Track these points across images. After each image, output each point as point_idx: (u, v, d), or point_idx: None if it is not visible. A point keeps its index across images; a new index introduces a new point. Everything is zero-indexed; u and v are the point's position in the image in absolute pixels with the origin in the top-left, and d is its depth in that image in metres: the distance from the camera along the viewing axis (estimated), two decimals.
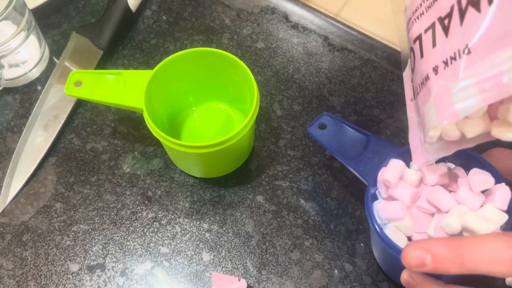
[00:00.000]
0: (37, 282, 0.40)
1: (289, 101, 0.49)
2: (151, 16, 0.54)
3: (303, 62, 0.51)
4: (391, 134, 0.47)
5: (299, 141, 0.46)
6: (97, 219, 0.43)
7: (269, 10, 0.55)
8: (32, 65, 0.49)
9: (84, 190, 0.44)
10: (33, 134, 0.46)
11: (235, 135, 0.37)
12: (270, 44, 0.52)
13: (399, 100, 0.49)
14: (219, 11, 0.55)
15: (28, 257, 0.41)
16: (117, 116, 0.48)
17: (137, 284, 0.40)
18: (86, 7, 0.55)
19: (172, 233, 0.42)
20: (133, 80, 0.40)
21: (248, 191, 0.44)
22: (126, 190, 0.44)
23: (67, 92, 0.41)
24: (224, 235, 0.42)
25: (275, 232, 0.42)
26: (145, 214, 0.43)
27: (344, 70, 0.50)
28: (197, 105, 0.47)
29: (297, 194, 0.44)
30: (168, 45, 0.52)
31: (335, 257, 0.41)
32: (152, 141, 0.47)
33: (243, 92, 0.43)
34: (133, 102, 0.40)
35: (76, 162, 0.46)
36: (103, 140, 0.47)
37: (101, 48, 0.50)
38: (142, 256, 0.41)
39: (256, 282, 0.40)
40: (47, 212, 0.43)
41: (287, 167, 0.45)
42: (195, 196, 0.44)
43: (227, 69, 0.42)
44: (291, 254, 0.41)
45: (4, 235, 0.42)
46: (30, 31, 0.46)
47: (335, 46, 0.52)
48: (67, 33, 0.53)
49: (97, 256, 0.41)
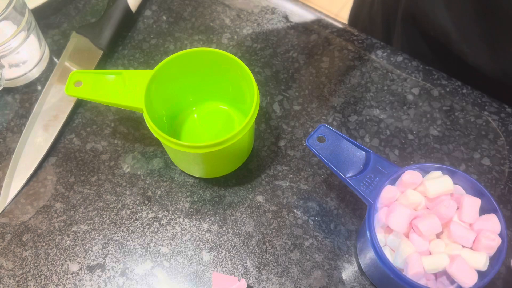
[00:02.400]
0: (37, 282, 0.40)
1: (289, 101, 0.49)
2: (151, 16, 0.54)
3: (303, 62, 0.51)
4: (391, 134, 0.47)
5: (299, 141, 0.46)
6: (97, 219, 0.43)
7: (269, 10, 0.55)
8: (32, 65, 0.49)
9: (84, 190, 0.44)
10: (33, 134, 0.46)
11: (235, 135, 0.37)
12: (270, 44, 0.52)
13: (399, 100, 0.49)
14: (219, 11, 0.55)
15: (28, 257, 0.41)
16: (117, 116, 0.48)
17: (137, 284, 0.40)
18: (86, 7, 0.55)
19: (172, 233, 0.42)
20: (133, 80, 0.40)
21: (248, 191, 0.44)
22: (126, 190, 0.44)
23: (67, 92, 0.41)
24: (224, 235, 0.42)
25: (275, 232, 0.42)
26: (145, 214, 0.43)
27: (344, 70, 0.50)
28: (197, 105, 0.47)
29: (297, 194, 0.44)
30: (168, 45, 0.52)
31: (335, 257, 0.41)
32: (152, 141, 0.47)
33: (243, 92, 0.43)
34: (133, 102, 0.40)
35: (76, 162, 0.46)
36: (103, 140, 0.47)
37: (101, 48, 0.50)
38: (142, 256, 0.41)
39: (256, 282, 0.40)
40: (47, 212, 0.43)
41: (287, 167, 0.45)
42: (195, 196, 0.44)
43: (227, 69, 0.42)
44: (291, 254, 0.41)
45: (4, 235, 0.42)
46: (30, 31, 0.46)
47: (335, 46, 0.52)
48: (67, 33, 0.53)
49: (97, 256, 0.41)
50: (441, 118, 0.48)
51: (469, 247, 0.33)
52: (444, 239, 0.34)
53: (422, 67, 0.51)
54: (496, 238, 0.32)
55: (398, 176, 0.36)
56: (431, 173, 0.36)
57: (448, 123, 0.47)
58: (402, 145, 0.46)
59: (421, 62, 0.51)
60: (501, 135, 0.47)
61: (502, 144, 0.46)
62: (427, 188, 0.34)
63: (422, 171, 0.36)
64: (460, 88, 0.49)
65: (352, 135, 0.47)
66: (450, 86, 0.49)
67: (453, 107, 0.48)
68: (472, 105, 0.48)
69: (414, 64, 0.51)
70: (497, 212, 0.34)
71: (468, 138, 0.47)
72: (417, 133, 0.47)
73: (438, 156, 0.46)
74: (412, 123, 0.47)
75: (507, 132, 0.47)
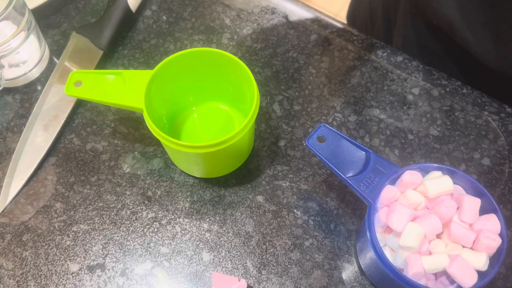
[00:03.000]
0: (37, 282, 0.40)
1: (289, 101, 0.49)
2: (151, 16, 0.54)
3: (303, 62, 0.51)
4: (391, 134, 0.47)
5: (299, 141, 0.46)
6: (97, 219, 0.43)
7: (269, 10, 0.55)
8: (32, 65, 0.49)
9: (84, 190, 0.44)
10: (33, 134, 0.46)
11: (235, 135, 0.37)
12: (270, 44, 0.52)
13: (399, 100, 0.49)
14: (219, 11, 0.55)
15: (28, 257, 0.41)
16: (117, 116, 0.48)
17: (137, 284, 0.40)
18: (86, 7, 0.55)
19: (172, 233, 0.42)
20: (133, 80, 0.40)
21: (248, 191, 0.44)
22: (126, 190, 0.44)
23: (67, 92, 0.41)
24: (224, 235, 0.42)
25: (275, 232, 0.42)
26: (145, 214, 0.43)
27: (344, 70, 0.50)
28: (197, 105, 0.47)
29: (297, 194, 0.44)
30: (168, 45, 0.52)
31: (335, 257, 0.41)
32: (152, 141, 0.47)
33: (243, 92, 0.43)
34: (133, 102, 0.40)
35: (76, 162, 0.46)
36: (103, 140, 0.47)
37: (101, 48, 0.50)
38: (142, 256, 0.41)
39: (256, 282, 0.40)
40: (47, 212, 0.43)
41: (287, 167, 0.45)
42: (195, 196, 0.44)
43: (227, 69, 0.42)
44: (291, 254, 0.41)
45: (4, 235, 0.42)
46: (30, 31, 0.46)
47: (335, 46, 0.52)
48: (67, 33, 0.53)
49: (97, 256, 0.41)
50: (441, 118, 0.48)
51: (469, 247, 0.33)
52: (444, 239, 0.34)
53: (422, 67, 0.51)
54: (496, 238, 0.32)
55: (398, 176, 0.36)
56: (431, 173, 0.36)
57: (448, 123, 0.47)
58: (402, 145, 0.46)
59: (421, 62, 0.51)
60: (501, 135, 0.47)
61: (502, 144, 0.46)
62: (427, 188, 0.34)
63: (422, 171, 0.36)
64: (460, 88, 0.49)
65: (352, 135, 0.47)
66: (450, 86, 0.49)
67: (453, 107, 0.48)
68: (472, 105, 0.48)
69: (414, 64, 0.51)
70: (497, 212, 0.34)
71: (468, 138, 0.47)
72: (417, 133, 0.47)
73: (438, 156, 0.46)
74: (412, 123, 0.47)
75: (507, 132, 0.47)
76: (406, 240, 0.32)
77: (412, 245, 0.32)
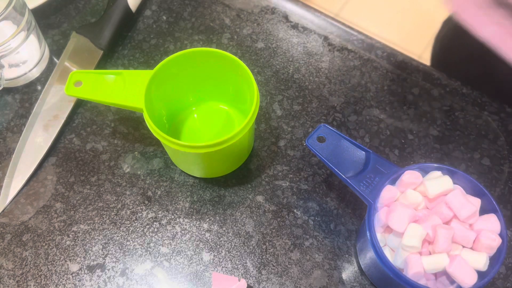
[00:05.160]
0: (37, 282, 0.40)
1: (289, 101, 0.49)
2: (151, 16, 0.54)
3: (303, 62, 0.51)
4: (391, 134, 0.47)
5: (299, 141, 0.46)
6: (97, 219, 0.43)
7: (269, 10, 0.55)
8: (32, 65, 0.49)
9: (84, 190, 0.44)
10: (33, 134, 0.46)
11: (235, 135, 0.37)
12: (270, 44, 0.52)
13: (399, 100, 0.49)
14: (219, 11, 0.55)
15: (28, 257, 0.41)
16: (117, 116, 0.48)
17: (137, 284, 0.40)
18: (86, 7, 0.55)
19: (172, 233, 0.42)
20: (133, 80, 0.40)
21: (248, 191, 0.44)
22: (126, 190, 0.44)
23: (67, 92, 0.41)
24: (224, 235, 0.42)
25: (275, 232, 0.42)
26: (145, 214, 0.43)
27: (344, 70, 0.50)
28: (197, 105, 0.47)
29: (297, 194, 0.44)
30: (168, 45, 0.52)
31: (335, 257, 0.41)
32: (152, 141, 0.47)
33: (243, 92, 0.43)
34: (133, 102, 0.40)
35: (76, 162, 0.46)
36: (103, 140, 0.47)
37: (101, 48, 0.50)
38: (142, 256, 0.41)
39: (256, 282, 0.40)
40: (47, 212, 0.43)
41: (287, 167, 0.45)
42: (195, 196, 0.44)
43: (227, 69, 0.42)
44: (291, 254, 0.41)
45: (4, 235, 0.42)
46: (30, 31, 0.46)
47: (335, 46, 0.52)
48: (67, 33, 0.53)
49: (97, 256, 0.41)
50: (441, 118, 0.48)
51: (469, 247, 0.33)
52: None
53: (422, 67, 0.51)
54: (496, 238, 0.32)
55: (398, 176, 0.36)
56: (431, 173, 0.36)
57: (448, 123, 0.47)
58: (402, 145, 0.46)
59: (420, 62, 0.51)
60: (501, 135, 0.47)
61: (502, 144, 0.46)
62: (427, 188, 0.34)
63: (422, 171, 0.36)
64: (460, 88, 0.49)
65: (352, 135, 0.47)
66: (450, 86, 0.49)
67: (453, 107, 0.48)
68: (472, 105, 0.48)
69: (414, 64, 0.51)
70: (497, 212, 0.34)
71: (468, 138, 0.47)
72: (417, 133, 0.47)
73: (438, 156, 0.46)
74: (412, 123, 0.47)
75: (507, 132, 0.47)
76: (409, 240, 0.32)
77: (415, 245, 0.32)
